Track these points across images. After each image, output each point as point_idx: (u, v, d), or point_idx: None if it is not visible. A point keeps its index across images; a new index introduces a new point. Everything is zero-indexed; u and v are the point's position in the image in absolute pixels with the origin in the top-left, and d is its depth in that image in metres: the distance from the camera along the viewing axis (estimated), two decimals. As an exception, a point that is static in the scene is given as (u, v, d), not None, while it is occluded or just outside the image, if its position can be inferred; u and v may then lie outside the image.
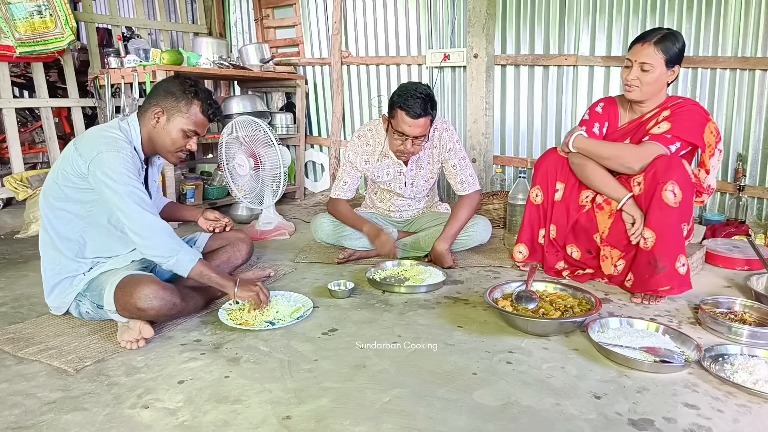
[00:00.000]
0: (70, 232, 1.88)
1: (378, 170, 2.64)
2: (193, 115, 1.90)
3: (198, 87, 1.93)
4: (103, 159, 1.75)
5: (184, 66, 3.71)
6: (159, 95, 1.91)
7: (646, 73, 2.11)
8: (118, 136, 1.84)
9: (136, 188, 1.78)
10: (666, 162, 2.02)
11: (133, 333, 1.74)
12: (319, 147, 4.81)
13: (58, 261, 1.89)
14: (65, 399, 1.46)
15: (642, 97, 2.18)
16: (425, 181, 2.69)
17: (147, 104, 1.92)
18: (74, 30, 3.87)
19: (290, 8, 4.84)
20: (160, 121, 1.89)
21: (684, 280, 2.03)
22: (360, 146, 2.62)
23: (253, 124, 3.09)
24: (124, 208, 1.75)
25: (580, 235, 2.32)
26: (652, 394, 1.44)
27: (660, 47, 2.09)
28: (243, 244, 2.31)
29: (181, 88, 1.89)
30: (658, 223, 2.01)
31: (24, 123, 5.02)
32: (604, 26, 3.34)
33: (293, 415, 1.37)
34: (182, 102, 1.89)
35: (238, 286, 1.90)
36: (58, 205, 1.85)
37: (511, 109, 3.78)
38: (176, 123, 1.89)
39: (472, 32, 3.59)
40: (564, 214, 2.34)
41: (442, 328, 1.89)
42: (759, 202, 3.10)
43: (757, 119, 2.99)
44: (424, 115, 2.30)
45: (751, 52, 2.93)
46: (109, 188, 1.75)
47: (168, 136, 1.90)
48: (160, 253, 1.80)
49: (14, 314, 2.06)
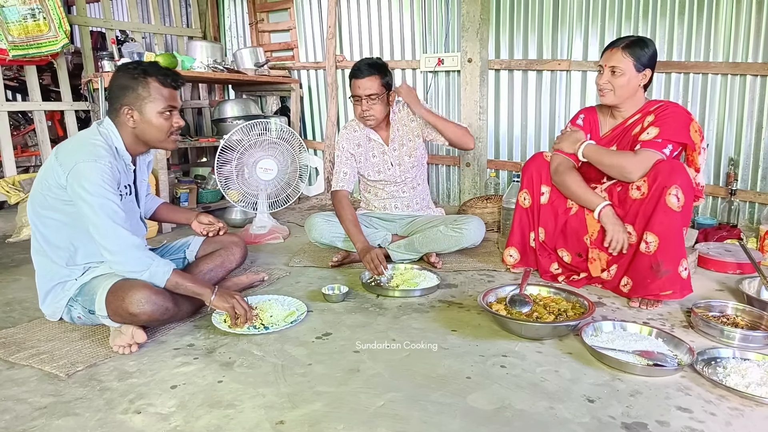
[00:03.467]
0: (60, 239, 1.85)
1: (367, 152, 2.76)
2: (157, 92, 1.83)
3: (143, 65, 1.86)
4: (80, 170, 1.71)
5: (179, 70, 3.70)
6: (117, 95, 1.84)
7: (617, 77, 2.17)
8: (98, 143, 1.80)
9: (110, 200, 1.73)
10: (669, 167, 2.03)
11: (126, 338, 1.73)
12: (314, 151, 4.81)
13: (49, 268, 1.87)
14: (56, 404, 1.45)
15: (616, 100, 2.22)
16: (409, 156, 2.77)
17: (113, 107, 1.87)
18: (68, 33, 3.86)
19: (285, 12, 4.85)
20: (134, 117, 1.84)
21: (686, 284, 2.04)
22: (349, 133, 2.76)
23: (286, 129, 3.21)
24: (96, 222, 1.72)
25: (570, 237, 2.32)
26: (645, 398, 1.45)
27: (628, 51, 2.15)
28: (237, 247, 2.30)
29: (130, 76, 1.82)
30: (662, 228, 2.02)
31: (17, 126, 5.00)
32: (597, 31, 3.36)
33: (287, 419, 1.36)
34: (139, 88, 1.82)
35: (215, 294, 1.85)
36: (45, 214, 1.83)
37: (505, 114, 3.79)
38: (149, 110, 1.83)
39: (466, 37, 3.60)
40: (551, 216, 2.35)
41: (436, 331, 1.89)
42: (750, 206, 3.12)
43: (748, 124, 3.01)
44: (368, 74, 2.53)
45: (742, 57, 2.95)
46: (83, 200, 1.71)
47: (151, 127, 1.86)
48: (130, 268, 1.76)
49: (5, 319, 2.05)
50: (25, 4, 3.63)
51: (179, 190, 3.80)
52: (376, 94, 2.57)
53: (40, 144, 4.07)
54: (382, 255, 2.40)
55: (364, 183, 2.90)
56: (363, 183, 2.90)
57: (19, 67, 4.27)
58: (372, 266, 2.33)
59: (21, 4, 3.61)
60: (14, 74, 4.72)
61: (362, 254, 2.42)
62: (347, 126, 2.79)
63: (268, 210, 3.29)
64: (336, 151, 2.76)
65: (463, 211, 3.41)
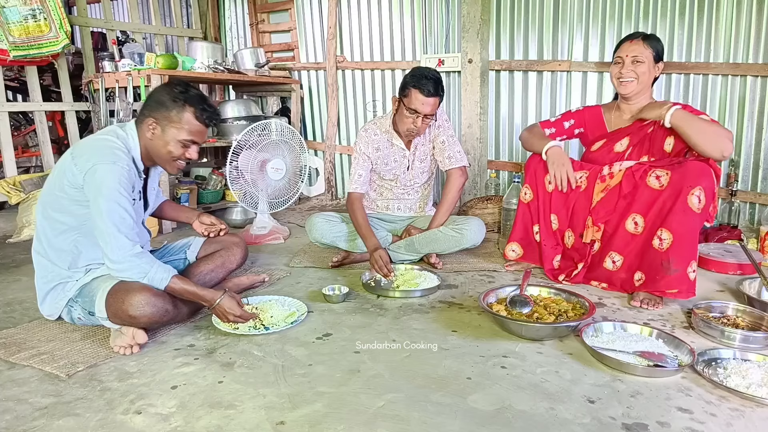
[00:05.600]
0: (64, 243, 1.84)
1: (387, 157, 2.75)
2: (186, 124, 1.83)
3: (189, 93, 1.85)
4: (97, 171, 1.71)
5: (179, 70, 3.70)
6: (151, 106, 1.85)
7: (639, 65, 2.25)
8: (116, 146, 1.79)
9: (120, 206, 1.72)
10: (699, 167, 2.03)
11: (127, 339, 1.73)
12: (314, 151, 4.82)
13: (50, 269, 1.87)
14: (57, 404, 1.45)
15: (638, 87, 2.28)
16: (420, 161, 2.78)
17: (142, 115, 1.87)
18: (69, 34, 3.87)
19: (285, 13, 4.86)
20: (155, 132, 1.84)
21: (691, 287, 2.04)
22: (368, 137, 2.74)
23: (288, 129, 3.20)
24: (101, 226, 1.71)
25: (577, 215, 2.34)
26: (645, 399, 1.45)
27: (648, 43, 2.26)
28: (237, 248, 2.30)
29: (170, 97, 1.82)
30: (679, 226, 2.02)
31: (17, 127, 5.00)
32: (597, 32, 3.36)
33: (287, 420, 1.36)
34: (173, 111, 1.82)
35: (221, 299, 1.82)
36: (55, 216, 1.82)
37: (506, 114, 3.79)
38: (171, 134, 1.83)
39: (467, 37, 3.60)
40: (562, 200, 2.36)
41: (437, 332, 1.89)
42: (751, 206, 3.12)
43: (748, 125, 3.01)
44: (435, 95, 2.48)
45: (742, 58, 2.95)
46: (95, 201, 1.71)
47: (164, 148, 1.85)
48: (128, 276, 1.75)
49: (6, 319, 2.05)
50: (26, 4, 3.63)
51: (180, 190, 3.80)
52: (433, 115, 2.57)
53: (40, 144, 4.07)
54: (387, 256, 2.40)
55: (372, 181, 2.90)
56: (371, 181, 2.91)
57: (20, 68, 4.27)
58: (377, 267, 2.34)
59: (22, 4, 3.62)
60: (15, 75, 4.72)
61: (369, 254, 2.43)
62: (367, 129, 2.77)
63: (269, 210, 3.29)
64: (354, 153, 2.77)
65: (463, 212, 3.40)
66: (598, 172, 2.28)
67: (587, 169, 2.33)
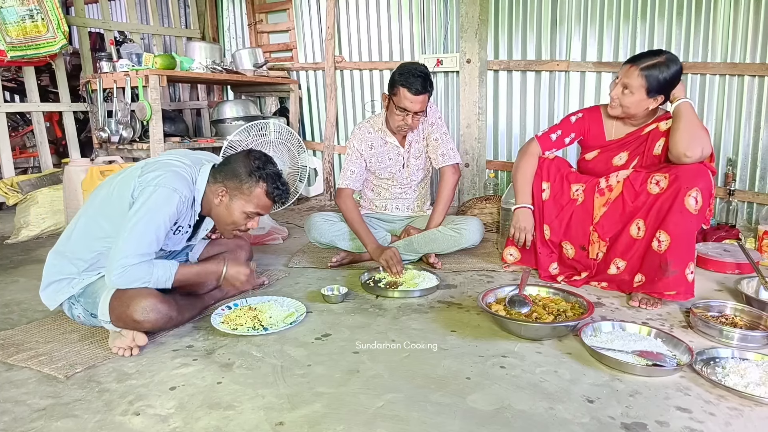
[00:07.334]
0: (94, 246, 1.81)
1: (381, 155, 2.74)
2: (255, 198, 1.85)
3: (265, 169, 1.86)
4: (155, 188, 1.71)
5: (177, 70, 3.70)
6: (226, 174, 1.86)
7: (626, 96, 2.14)
8: (185, 176, 1.80)
9: (155, 231, 1.72)
10: (695, 168, 2.03)
11: (126, 340, 1.72)
12: (312, 152, 4.81)
13: (62, 268, 1.84)
14: (55, 406, 1.44)
15: (621, 114, 2.22)
16: (416, 159, 2.77)
17: (219, 173, 1.87)
18: (66, 34, 3.86)
19: (284, 13, 4.86)
20: (223, 200, 1.86)
21: (690, 288, 2.04)
22: (363, 134, 2.73)
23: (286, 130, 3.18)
24: (125, 235, 1.69)
25: (575, 229, 2.33)
26: (644, 398, 1.45)
27: (644, 74, 2.07)
28: (241, 250, 2.28)
29: (246, 170, 1.84)
30: (676, 228, 2.02)
31: (15, 127, 4.99)
32: (595, 32, 3.37)
33: (286, 420, 1.36)
34: (246, 184, 1.84)
35: (226, 266, 1.92)
36: (100, 222, 1.80)
37: (504, 114, 3.79)
38: (238, 204, 1.85)
39: (465, 38, 3.60)
40: (555, 211, 2.35)
41: (436, 332, 1.89)
42: (749, 206, 3.12)
43: (746, 124, 3.02)
44: (423, 92, 2.45)
45: (740, 58, 2.96)
46: (135, 213, 1.70)
47: (229, 216, 1.87)
48: (131, 281, 1.72)
49: (4, 320, 2.04)
50: (23, 5, 3.63)
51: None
52: (423, 111, 2.54)
53: (38, 145, 4.07)
54: (398, 255, 2.40)
55: (369, 181, 2.89)
56: (368, 181, 2.90)
57: (18, 68, 4.28)
58: (389, 266, 2.33)
59: (19, 5, 3.61)
60: (12, 75, 4.72)
61: (375, 255, 2.42)
62: (361, 126, 2.76)
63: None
64: (347, 150, 2.76)
65: (462, 212, 3.41)
66: (595, 185, 2.27)
67: (584, 182, 2.31)
